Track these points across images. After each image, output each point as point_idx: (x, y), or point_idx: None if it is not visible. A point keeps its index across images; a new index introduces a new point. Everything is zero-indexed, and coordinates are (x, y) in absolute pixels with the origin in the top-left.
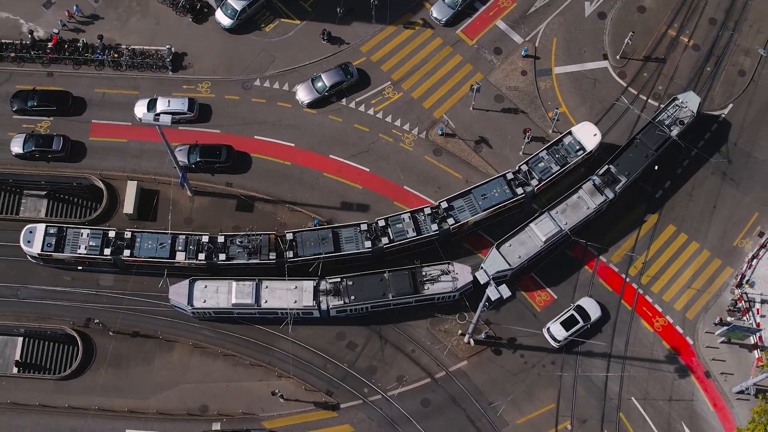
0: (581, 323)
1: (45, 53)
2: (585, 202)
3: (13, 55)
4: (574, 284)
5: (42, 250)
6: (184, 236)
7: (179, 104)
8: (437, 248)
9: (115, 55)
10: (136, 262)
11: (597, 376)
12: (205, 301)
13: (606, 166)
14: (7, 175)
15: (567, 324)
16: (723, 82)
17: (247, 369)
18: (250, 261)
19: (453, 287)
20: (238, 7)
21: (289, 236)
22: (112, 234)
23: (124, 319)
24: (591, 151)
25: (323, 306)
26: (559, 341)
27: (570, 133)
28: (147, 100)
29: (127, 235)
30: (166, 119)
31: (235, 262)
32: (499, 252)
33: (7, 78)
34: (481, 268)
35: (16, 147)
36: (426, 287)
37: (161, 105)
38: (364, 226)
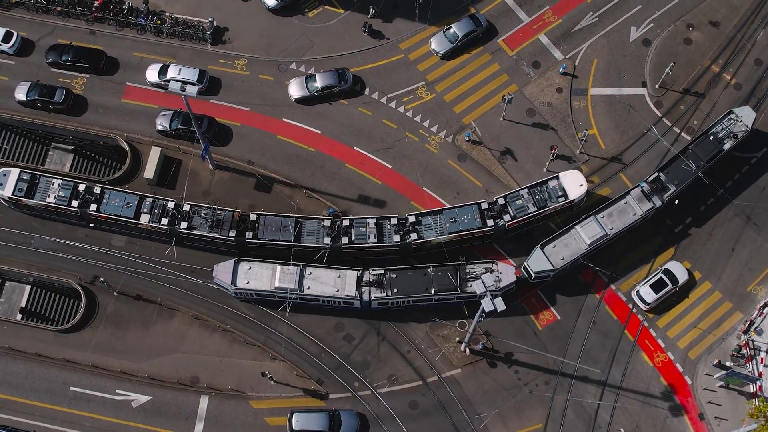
0: (670, 286)
1: (90, 11)
2: (632, 208)
3: (59, 9)
4: (579, 308)
5: (12, 194)
6: (150, 199)
7: (189, 74)
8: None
9: (158, 22)
10: (101, 218)
11: (589, 402)
12: (248, 282)
13: (656, 174)
14: (38, 125)
15: (656, 287)
16: (761, 125)
17: (242, 346)
18: (210, 234)
19: (495, 286)
20: None
21: (253, 217)
22: (82, 187)
23: (130, 282)
24: (573, 200)
25: (365, 297)
26: (648, 303)
27: (557, 177)
28: (159, 65)
29: (96, 190)
30: (192, 90)
31: (195, 232)
32: (543, 252)
33: (50, 31)
34: (525, 266)
35: (20, 94)
36: (469, 285)
37: (172, 72)
38: (327, 222)
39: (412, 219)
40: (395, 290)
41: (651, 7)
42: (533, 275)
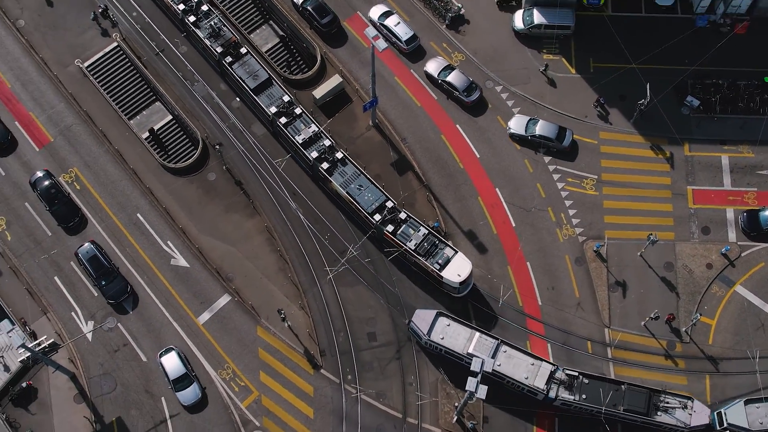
0: None
1: None
2: None
3: None
4: None
5: None
6: None
7: (403, 31)
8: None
9: None
10: None
11: None
12: (443, 338)
13: None
14: (269, 0)
15: None
16: None
17: (285, 279)
18: (205, 39)
19: (685, 424)
20: (536, 20)
21: (243, 50)
22: None
23: (240, 166)
24: (441, 275)
25: (551, 393)
26: None
27: (456, 251)
28: (385, 9)
29: None
30: (381, 44)
31: (197, 32)
32: (746, 408)
33: None
34: (720, 412)
35: None
36: (659, 414)
37: (391, 21)
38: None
39: (339, 156)
40: (584, 396)
41: None
42: (725, 425)
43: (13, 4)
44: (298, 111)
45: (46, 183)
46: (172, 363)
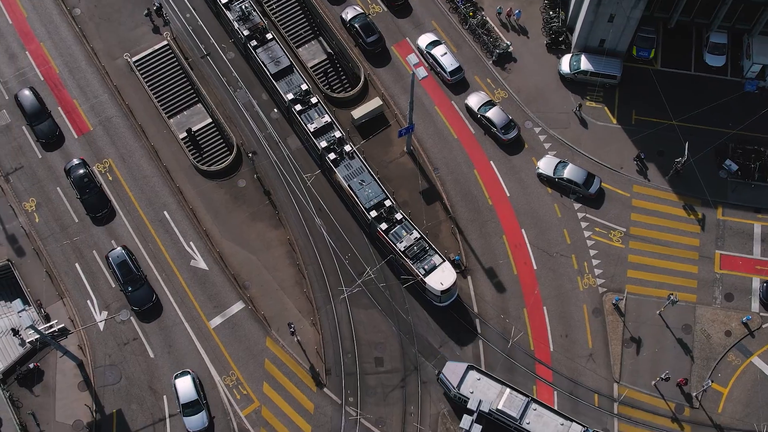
0: None
1: None
2: None
3: None
4: None
5: None
6: None
7: (448, 62)
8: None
9: (470, 14)
10: None
11: None
12: (472, 392)
13: None
14: (320, 16)
15: None
16: None
17: (300, 294)
18: (234, 21)
19: None
20: (583, 66)
21: (269, 36)
22: None
23: (270, 176)
24: (424, 281)
25: None
26: None
27: (444, 261)
28: (434, 39)
29: None
30: (421, 72)
31: (227, 14)
32: None
33: None
34: None
35: None
36: None
37: (438, 51)
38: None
39: (348, 149)
40: None
41: None
42: None
43: None
44: (314, 100)
45: (80, 172)
46: (185, 387)
